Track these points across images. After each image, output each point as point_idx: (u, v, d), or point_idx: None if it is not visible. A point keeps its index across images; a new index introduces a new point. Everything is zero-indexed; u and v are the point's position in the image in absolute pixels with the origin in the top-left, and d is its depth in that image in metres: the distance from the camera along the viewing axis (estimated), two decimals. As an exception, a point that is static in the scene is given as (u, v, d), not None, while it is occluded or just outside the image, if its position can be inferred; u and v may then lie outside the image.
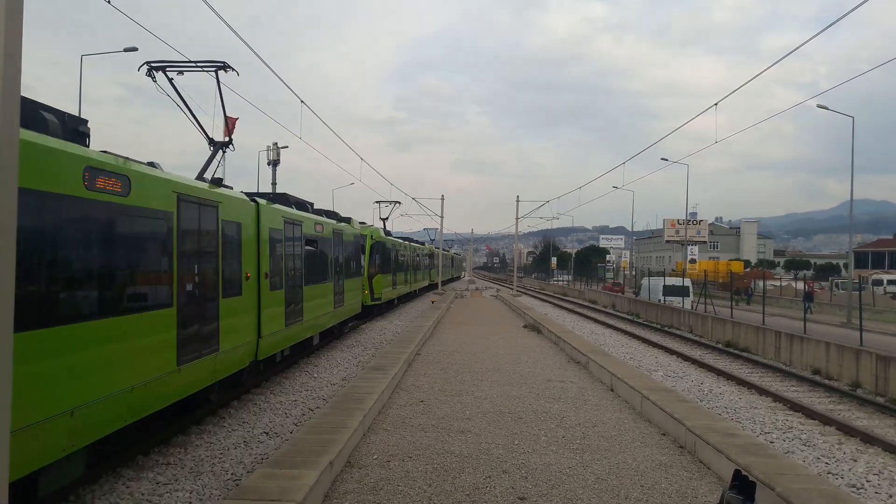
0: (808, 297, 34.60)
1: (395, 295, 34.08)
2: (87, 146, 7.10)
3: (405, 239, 41.66)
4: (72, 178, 6.42)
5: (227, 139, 12.50)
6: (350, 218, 22.87)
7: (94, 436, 6.76)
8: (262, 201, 12.49)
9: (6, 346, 2.60)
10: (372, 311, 27.73)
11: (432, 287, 54.87)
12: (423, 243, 51.96)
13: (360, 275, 24.35)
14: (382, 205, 39.64)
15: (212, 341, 9.60)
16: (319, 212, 18.36)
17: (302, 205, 16.34)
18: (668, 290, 36.13)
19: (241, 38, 12.12)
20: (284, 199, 15.22)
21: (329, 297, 17.91)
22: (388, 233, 34.98)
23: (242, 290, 10.98)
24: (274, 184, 36.91)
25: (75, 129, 7.03)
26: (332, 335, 20.01)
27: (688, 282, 37.34)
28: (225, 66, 11.64)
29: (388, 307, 32.18)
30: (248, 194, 12.34)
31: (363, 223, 28.62)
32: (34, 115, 6.37)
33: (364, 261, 25.78)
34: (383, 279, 28.60)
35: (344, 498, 6.50)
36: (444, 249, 62.59)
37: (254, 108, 18.03)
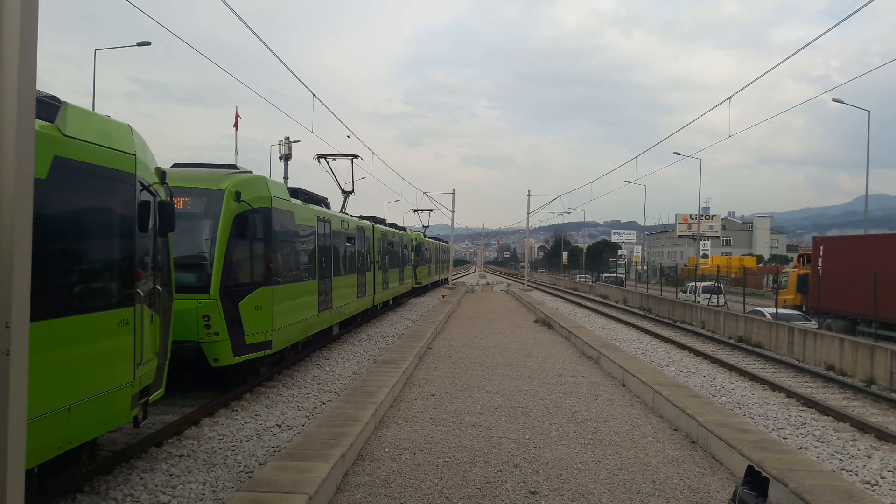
0: None
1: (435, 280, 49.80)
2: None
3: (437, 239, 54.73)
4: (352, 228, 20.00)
5: (350, 191, 23.27)
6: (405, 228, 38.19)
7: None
8: (378, 226, 25.25)
9: (22, 341, 2.63)
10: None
11: (443, 282, 55.07)
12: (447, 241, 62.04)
13: (408, 265, 35.96)
14: (420, 213, 52.80)
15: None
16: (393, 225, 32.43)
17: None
18: None
19: (254, 32, 12.14)
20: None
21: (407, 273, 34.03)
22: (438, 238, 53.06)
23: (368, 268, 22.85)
24: (286, 178, 36.93)
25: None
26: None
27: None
28: (357, 156, 23.28)
29: (395, 303, 33.02)
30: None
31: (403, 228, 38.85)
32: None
33: (411, 256, 37.35)
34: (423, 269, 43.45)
35: (356, 491, 6.53)
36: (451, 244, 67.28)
37: (266, 103, 18.09)
